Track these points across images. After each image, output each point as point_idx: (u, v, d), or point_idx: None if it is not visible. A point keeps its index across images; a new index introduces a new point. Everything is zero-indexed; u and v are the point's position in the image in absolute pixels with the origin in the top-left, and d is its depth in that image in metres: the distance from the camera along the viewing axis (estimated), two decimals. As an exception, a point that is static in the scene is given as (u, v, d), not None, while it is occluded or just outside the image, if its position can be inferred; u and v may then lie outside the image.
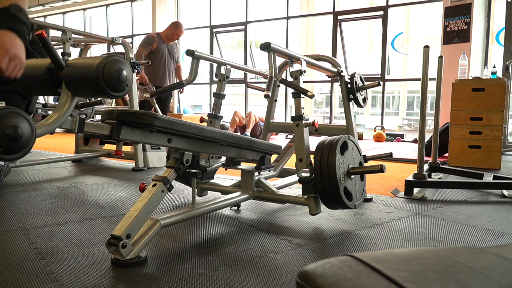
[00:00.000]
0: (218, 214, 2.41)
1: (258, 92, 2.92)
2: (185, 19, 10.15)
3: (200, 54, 2.46)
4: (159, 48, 4.78)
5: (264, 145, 2.30)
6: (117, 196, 2.83)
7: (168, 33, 4.88)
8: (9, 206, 2.51)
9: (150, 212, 1.69)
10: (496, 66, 4.81)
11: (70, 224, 2.17)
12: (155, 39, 4.77)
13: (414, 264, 0.59)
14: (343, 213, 2.39)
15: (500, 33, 6.31)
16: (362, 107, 2.99)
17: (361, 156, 2.26)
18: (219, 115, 2.72)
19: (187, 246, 1.88)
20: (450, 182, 3.02)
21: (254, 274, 1.56)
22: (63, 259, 1.68)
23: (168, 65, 4.89)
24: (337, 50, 7.76)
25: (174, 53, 4.99)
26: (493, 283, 0.54)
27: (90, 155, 4.38)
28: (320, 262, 0.60)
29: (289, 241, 1.93)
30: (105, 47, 9.79)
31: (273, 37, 10.53)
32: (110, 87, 1.57)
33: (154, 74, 4.74)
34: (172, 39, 4.88)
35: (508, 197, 2.85)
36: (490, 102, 4.07)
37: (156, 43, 4.76)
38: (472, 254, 0.64)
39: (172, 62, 4.97)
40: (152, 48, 4.74)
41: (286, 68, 2.93)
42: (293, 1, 8.91)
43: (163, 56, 4.80)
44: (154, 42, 4.75)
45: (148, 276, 1.54)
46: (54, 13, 13.07)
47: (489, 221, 2.29)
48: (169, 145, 1.78)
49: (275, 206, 2.56)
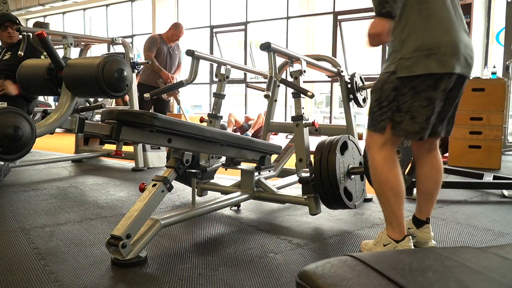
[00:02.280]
0: (218, 214, 2.41)
1: (258, 92, 2.92)
2: (185, 19, 10.15)
3: (200, 54, 2.46)
4: (160, 50, 4.77)
5: (264, 145, 2.30)
6: (117, 196, 2.83)
7: (168, 34, 4.88)
8: (9, 206, 2.51)
9: (150, 212, 1.69)
10: (496, 66, 4.81)
11: (70, 224, 2.17)
12: (157, 40, 4.77)
13: (414, 264, 0.59)
14: (343, 213, 2.39)
15: (500, 33, 6.31)
16: (362, 107, 2.99)
17: (361, 156, 2.26)
18: (219, 115, 2.72)
19: (187, 246, 1.88)
20: (450, 182, 3.01)
21: (254, 274, 1.56)
22: (63, 259, 1.68)
23: (169, 67, 4.89)
24: (337, 50, 7.76)
25: (175, 55, 4.98)
26: (493, 283, 0.54)
27: (90, 155, 4.38)
28: (320, 262, 0.60)
29: (289, 241, 1.93)
30: (105, 47, 9.79)
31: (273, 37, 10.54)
32: (110, 87, 1.57)
33: (154, 75, 4.73)
34: (173, 40, 4.88)
35: (508, 197, 2.85)
36: (490, 102, 4.06)
37: (158, 44, 4.76)
38: (472, 254, 0.64)
39: (172, 64, 4.96)
40: (157, 48, 4.74)
41: (286, 68, 2.93)
42: (293, 1, 8.90)
43: (164, 57, 4.79)
44: (157, 43, 4.75)
45: (148, 276, 1.54)
46: (54, 13, 13.07)
47: (489, 221, 2.29)
48: (169, 145, 1.78)
49: (275, 206, 2.56)
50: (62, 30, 10.33)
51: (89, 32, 12.55)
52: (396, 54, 1.52)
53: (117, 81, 1.58)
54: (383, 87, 1.54)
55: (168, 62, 4.91)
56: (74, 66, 1.63)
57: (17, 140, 1.39)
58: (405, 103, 1.51)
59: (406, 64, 1.48)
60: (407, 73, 1.48)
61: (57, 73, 1.66)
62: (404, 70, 1.49)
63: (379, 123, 1.57)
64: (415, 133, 1.54)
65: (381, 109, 1.56)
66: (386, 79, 1.54)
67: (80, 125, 1.68)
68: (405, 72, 1.48)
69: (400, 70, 1.49)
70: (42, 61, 1.72)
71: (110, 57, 1.58)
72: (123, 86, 1.61)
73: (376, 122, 1.58)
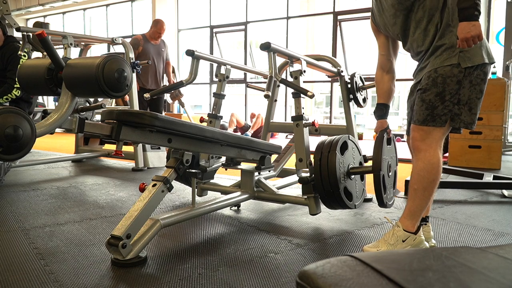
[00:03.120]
0: (218, 214, 2.41)
1: (258, 92, 2.92)
2: (185, 19, 10.15)
3: (200, 54, 2.46)
4: (145, 50, 4.70)
5: (264, 145, 2.30)
6: (117, 196, 2.83)
7: (150, 33, 4.82)
8: (9, 206, 2.51)
9: (150, 212, 1.69)
10: (496, 66, 4.81)
11: (70, 224, 2.17)
12: (140, 42, 4.71)
13: (414, 264, 0.59)
14: (343, 213, 2.39)
15: (500, 33, 6.31)
16: (362, 107, 2.99)
17: (361, 156, 2.26)
18: (219, 115, 2.72)
19: (187, 246, 1.88)
20: (450, 182, 3.02)
21: (254, 274, 1.56)
22: (63, 259, 1.68)
23: (157, 66, 4.83)
24: (337, 50, 7.76)
25: (162, 53, 4.91)
26: (493, 283, 0.54)
27: (90, 155, 4.38)
28: (320, 262, 0.60)
29: (289, 241, 1.93)
30: (105, 47, 9.79)
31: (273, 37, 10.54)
32: (110, 87, 1.57)
33: (142, 76, 4.69)
34: (155, 38, 4.81)
35: (508, 197, 2.85)
36: (490, 102, 4.06)
37: (141, 46, 4.70)
38: (472, 254, 0.64)
39: (161, 62, 4.90)
40: (139, 51, 4.68)
41: (286, 68, 2.93)
42: (293, 1, 8.89)
43: (150, 57, 4.72)
44: (139, 46, 4.69)
45: (148, 276, 1.54)
46: (54, 13, 13.06)
47: (489, 221, 2.29)
48: (169, 145, 1.78)
49: (275, 206, 2.56)
50: (62, 30, 10.33)
51: (89, 32, 12.54)
52: (454, 48, 1.63)
53: (117, 81, 1.58)
54: (445, 81, 1.63)
55: (156, 61, 4.86)
56: (74, 66, 1.62)
57: (17, 140, 1.39)
58: (464, 95, 1.64)
59: (467, 56, 1.62)
60: (471, 63, 1.62)
61: (57, 73, 1.66)
62: (467, 61, 1.62)
63: (441, 117, 1.66)
64: (472, 123, 1.67)
65: (444, 102, 1.64)
66: (448, 73, 1.63)
67: (80, 125, 1.68)
68: (469, 62, 1.62)
69: (464, 62, 1.62)
70: (42, 61, 1.72)
71: (110, 57, 1.58)
72: (123, 86, 1.61)
73: (437, 117, 1.66)
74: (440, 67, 1.65)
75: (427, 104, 1.67)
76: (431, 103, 1.66)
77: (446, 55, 1.65)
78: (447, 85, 1.64)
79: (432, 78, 1.66)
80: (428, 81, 1.67)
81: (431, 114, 1.66)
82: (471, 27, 1.50)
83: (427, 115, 1.67)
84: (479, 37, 1.52)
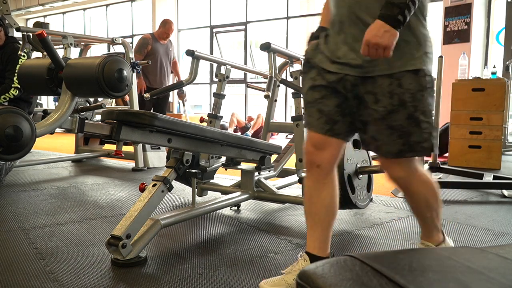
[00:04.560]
0: (218, 214, 2.41)
1: (258, 92, 2.92)
2: (185, 19, 10.14)
3: (200, 54, 2.46)
4: (154, 49, 4.73)
5: (264, 145, 2.30)
6: (117, 196, 2.83)
7: (159, 33, 4.86)
8: (9, 206, 2.51)
9: (150, 212, 1.69)
10: (496, 66, 4.81)
11: (70, 224, 2.17)
12: (149, 41, 4.74)
13: (414, 264, 0.59)
14: (343, 213, 2.39)
15: (500, 33, 6.31)
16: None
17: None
18: (219, 115, 2.72)
19: (187, 246, 1.88)
20: (450, 182, 3.01)
21: (254, 274, 1.56)
22: (63, 259, 1.68)
23: (165, 65, 4.86)
24: (337, 50, 7.74)
25: (169, 52, 4.95)
26: (493, 283, 0.54)
27: (90, 155, 4.38)
28: (320, 262, 0.60)
29: (289, 241, 1.93)
30: (105, 47, 9.79)
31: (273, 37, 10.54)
32: (110, 87, 1.57)
33: (150, 75, 4.71)
34: (164, 38, 4.85)
35: (508, 197, 2.85)
36: (490, 102, 4.06)
37: (150, 45, 4.72)
38: (472, 254, 0.64)
39: (168, 62, 4.93)
40: (148, 50, 4.71)
41: (286, 68, 2.93)
42: (293, 1, 8.89)
43: (159, 56, 4.76)
44: (148, 44, 4.71)
45: (148, 276, 1.54)
46: (54, 13, 13.06)
47: (489, 221, 2.29)
48: (169, 145, 1.78)
49: (275, 206, 2.56)
50: (62, 30, 10.33)
51: (89, 32, 12.53)
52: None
53: (117, 81, 1.58)
54: (433, 88, 1.30)
55: (164, 61, 4.88)
56: (74, 66, 1.62)
57: (17, 140, 1.39)
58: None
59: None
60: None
61: (57, 73, 1.66)
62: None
63: (429, 136, 1.28)
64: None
65: (431, 118, 1.30)
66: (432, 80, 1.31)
67: (80, 125, 1.68)
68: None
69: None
70: (42, 61, 1.72)
71: (110, 57, 1.58)
72: (123, 86, 1.61)
73: (428, 138, 1.28)
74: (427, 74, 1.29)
75: (413, 123, 1.27)
76: (419, 120, 1.28)
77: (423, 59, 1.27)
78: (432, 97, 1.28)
79: (426, 83, 1.29)
80: (426, 85, 1.29)
81: (419, 135, 1.28)
82: (383, 33, 1.11)
83: (414, 139, 1.27)
84: (385, 51, 1.12)
